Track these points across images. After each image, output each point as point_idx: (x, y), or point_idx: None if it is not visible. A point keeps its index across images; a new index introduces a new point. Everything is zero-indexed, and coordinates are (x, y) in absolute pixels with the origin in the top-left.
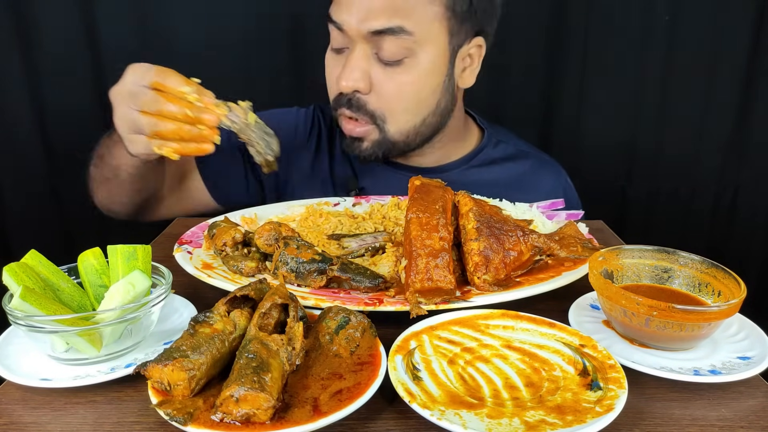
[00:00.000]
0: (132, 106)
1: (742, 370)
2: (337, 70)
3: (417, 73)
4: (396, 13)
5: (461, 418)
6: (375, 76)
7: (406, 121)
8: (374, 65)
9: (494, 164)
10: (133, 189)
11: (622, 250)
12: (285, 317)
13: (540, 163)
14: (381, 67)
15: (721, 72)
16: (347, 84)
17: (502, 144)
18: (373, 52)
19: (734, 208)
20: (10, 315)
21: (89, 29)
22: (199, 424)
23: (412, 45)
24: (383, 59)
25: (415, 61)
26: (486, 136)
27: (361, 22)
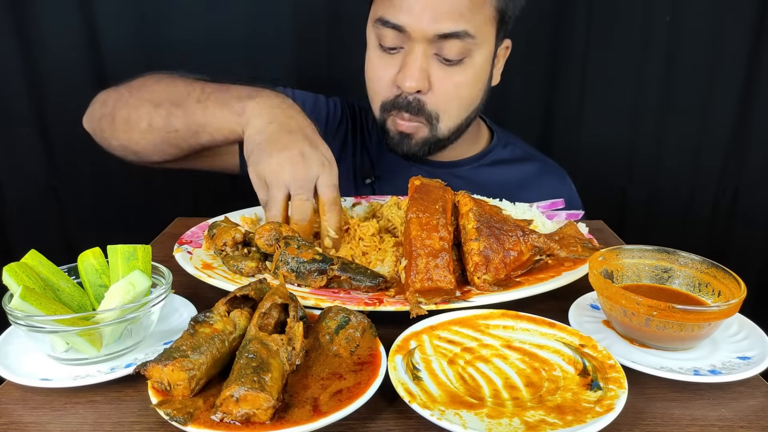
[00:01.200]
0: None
1: (742, 370)
2: (389, 70)
3: (473, 73)
4: (462, 17)
5: (461, 418)
6: (434, 75)
7: (456, 118)
8: (433, 65)
9: (503, 164)
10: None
11: (622, 250)
12: (285, 317)
13: (545, 167)
14: (440, 67)
15: (721, 72)
16: (411, 84)
17: (510, 146)
18: (432, 52)
19: (734, 209)
20: (10, 315)
21: (89, 29)
22: (199, 424)
23: (472, 47)
24: (444, 59)
25: (471, 60)
26: (496, 137)
27: (429, 25)
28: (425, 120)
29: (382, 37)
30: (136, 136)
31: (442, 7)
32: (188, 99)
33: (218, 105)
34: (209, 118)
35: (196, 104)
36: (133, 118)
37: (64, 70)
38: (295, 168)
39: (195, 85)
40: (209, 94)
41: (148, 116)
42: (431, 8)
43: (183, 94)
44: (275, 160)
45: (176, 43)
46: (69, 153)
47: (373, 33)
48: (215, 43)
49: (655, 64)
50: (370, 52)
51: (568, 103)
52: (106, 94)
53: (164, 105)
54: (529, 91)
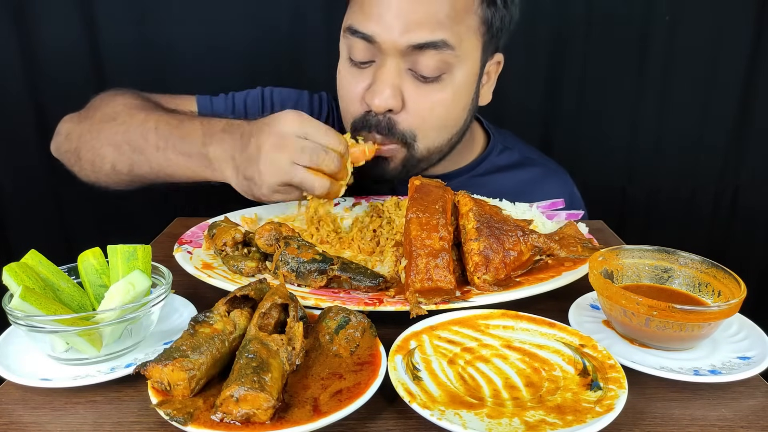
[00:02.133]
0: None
1: (742, 370)
2: (359, 85)
3: (452, 90)
4: (439, 26)
5: (461, 418)
6: (408, 92)
7: (434, 138)
8: (407, 81)
9: (499, 172)
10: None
11: (622, 250)
12: (285, 317)
13: (546, 171)
14: (414, 84)
15: (721, 72)
16: (380, 103)
17: (507, 151)
18: (406, 66)
19: (734, 208)
20: (10, 315)
21: (90, 30)
22: (199, 424)
23: (452, 60)
24: (420, 75)
25: (451, 77)
26: (491, 142)
27: (401, 35)
28: (399, 141)
29: (352, 48)
30: (102, 177)
31: (415, 15)
32: (146, 145)
33: (180, 155)
34: (174, 169)
35: (156, 152)
36: (97, 161)
37: (64, 70)
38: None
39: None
40: (166, 140)
41: (111, 160)
42: (403, 16)
43: (140, 138)
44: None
45: (175, 44)
46: None
47: (344, 44)
48: (214, 46)
49: (655, 64)
50: (340, 65)
51: (568, 103)
52: (69, 124)
53: (124, 150)
54: (529, 92)
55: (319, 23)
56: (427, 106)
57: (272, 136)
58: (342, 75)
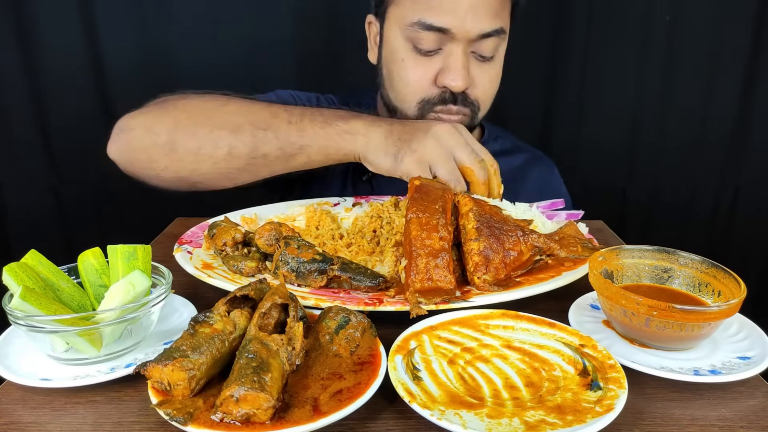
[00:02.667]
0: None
1: (742, 370)
2: (427, 71)
3: (499, 65)
4: (497, 15)
5: (461, 418)
6: (473, 71)
7: (488, 106)
8: (472, 62)
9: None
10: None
11: (622, 250)
12: (285, 317)
13: (533, 158)
14: (476, 63)
15: (721, 72)
16: (459, 84)
17: (500, 138)
18: (470, 50)
19: (734, 209)
20: (10, 315)
21: (89, 30)
22: (199, 424)
23: (502, 42)
24: (480, 56)
25: (498, 54)
26: (486, 131)
27: (473, 25)
28: (470, 110)
29: (419, 40)
30: (207, 166)
31: (481, 7)
32: (276, 121)
33: (318, 124)
34: (309, 139)
35: (288, 126)
36: (207, 148)
37: (64, 70)
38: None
39: (274, 107)
40: (301, 115)
41: (228, 144)
42: (472, 9)
43: (268, 116)
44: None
45: (177, 47)
46: (69, 153)
47: (402, 36)
48: (217, 48)
49: (655, 64)
50: (402, 55)
51: (568, 102)
52: (148, 118)
53: (247, 130)
54: (529, 91)
55: (321, 23)
56: (487, 81)
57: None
58: (407, 64)
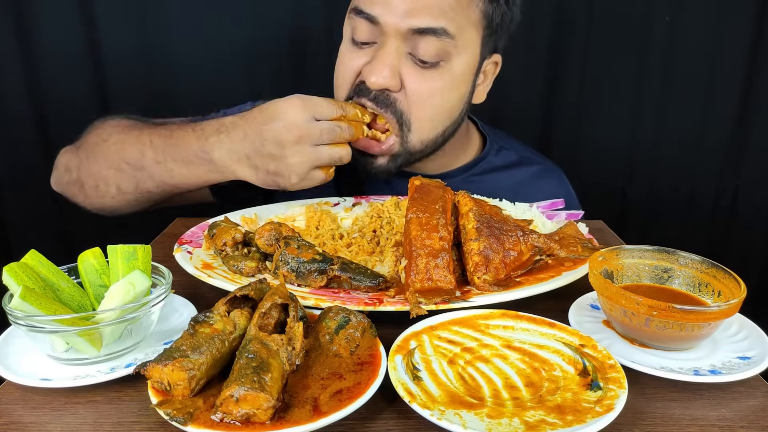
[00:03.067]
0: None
1: (742, 370)
2: (357, 62)
3: (450, 79)
4: (442, 14)
5: (461, 418)
6: (406, 75)
7: (429, 129)
8: (406, 64)
9: (496, 172)
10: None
11: (622, 250)
12: (285, 317)
13: (542, 170)
14: (413, 68)
15: (721, 72)
16: (377, 80)
17: (504, 151)
18: (406, 50)
19: (734, 208)
20: (10, 315)
21: (89, 29)
22: (199, 424)
23: (450, 49)
24: (418, 59)
25: (449, 66)
26: (488, 143)
27: (403, 18)
28: (395, 121)
29: (355, 29)
30: (109, 200)
31: (419, 2)
32: (145, 160)
33: (181, 164)
34: (178, 179)
35: (156, 165)
36: (101, 186)
37: (64, 70)
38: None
39: (142, 139)
40: (164, 152)
41: (115, 182)
42: (408, 1)
43: (138, 155)
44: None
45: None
46: None
47: (348, 26)
48: (214, 51)
49: (655, 64)
50: (342, 46)
51: (568, 103)
52: (67, 156)
53: (125, 169)
54: (529, 92)
55: (320, 24)
56: (424, 91)
57: (287, 131)
58: (342, 53)
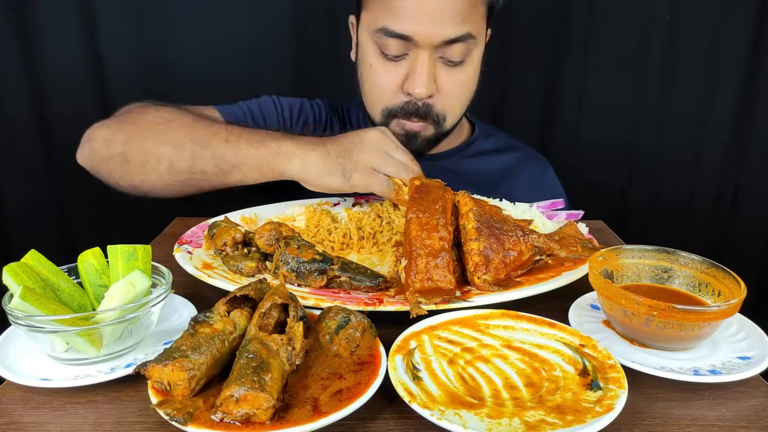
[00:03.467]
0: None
1: (742, 370)
2: (394, 77)
3: (472, 70)
4: (464, 20)
5: (461, 418)
6: (440, 77)
7: (458, 115)
8: (439, 67)
9: (485, 155)
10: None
11: (622, 250)
12: (285, 317)
13: (527, 156)
14: (445, 69)
15: (721, 72)
16: (422, 91)
17: (492, 137)
18: (437, 56)
19: (734, 209)
20: (10, 315)
21: (89, 30)
22: (199, 424)
23: (472, 47)
24: (449, 61)
25: (470, 58)
26: (477, 129)
27: (436, 32)
28: (432, 121)
29: (385, 46)
30: (153, 178)
31: (445, 13)
32: (215, 139)
33: (252, 144)
34: (243, 158)
35: (225, 144)
36: (151, 162)
37: (64, 70)
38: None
39: (217, 125)
40: (239, 135)
41: (169, 159)
42: (436, 15)
43: (207, 134)
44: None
45: (175, 48)
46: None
47: (371, 41)
48: (215, 50)
49: (655, 63)
50: (371, 60)
51: (568, 103)
52: (108, 131)
53: (187, 147)
54: (529, 91)
55: (320, 24)
56: (456, 87)
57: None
58: (375, 69)
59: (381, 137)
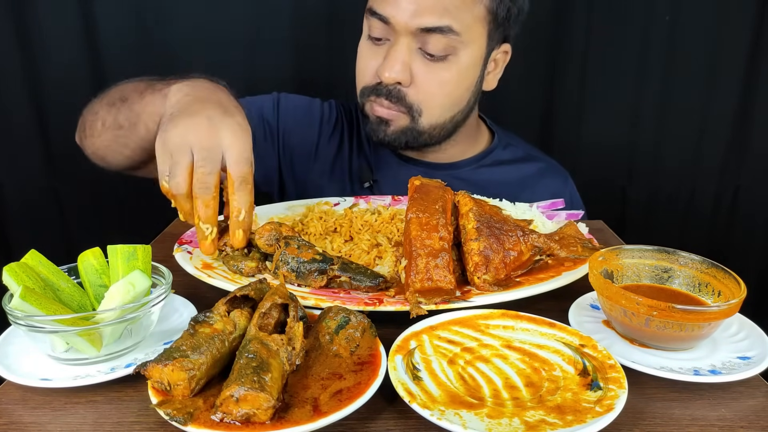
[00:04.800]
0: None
1: (742, 370)
2: (374, 60)
3: (457, 71)
4: (446, 13)
5: (461, 418)
6: (416, 69)
7: (439, 115)
8: (416, 59)
9: (503, 165)
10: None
11: (622, 250)
12: (285, 317)
13: (547, 167)
14: (423, 61)
15: (721, 72)
16: (390, 75)
17: (511, 147)
18: (416, 46)
19: (734, 209)
20: (10, 315)
21: (89, 29)
22: (199, 424)
23: (456, 44)
24: (428, 54)
25: (456, 58)
26: (496, 138)
27: (411, 18)
28: (405, 110)
29: (371, 27)
30: (97, 140)
31: (426, 2)
32: (133, 93)
33: (151, 92)
34: (143, 106)
35: (137, 96)
36: (95, 122)
37: (63, 70)
38: (200, 133)
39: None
40: (153, 86)
41: (102, 117)
42: (415, 2)
43: (131, 89)
44: (181, 126)
45: (175, 44)
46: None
47: (366, 23)
48: (214, 44)
49: (655, 63)
50: (361, 41)
51: (568, 103)
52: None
53: (116, 104)
54: (529, 91)
55: (321, 18)
56: (434, 82)
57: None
58: (361, 49)
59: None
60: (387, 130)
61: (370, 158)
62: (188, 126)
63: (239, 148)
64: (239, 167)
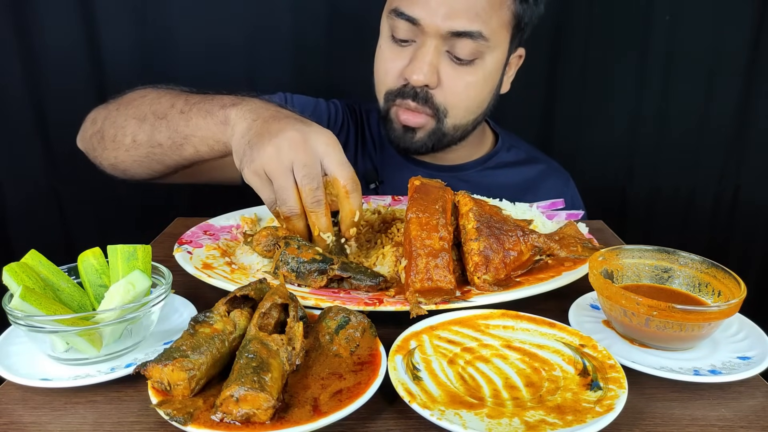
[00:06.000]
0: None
1: (742, 370)
2: (399, 61)
3: (483, 75)
4: (477, 17)
5: (461, 418)
6: (444, 72)
7: (463, 117)
8: (444, 61)
9: (507, 167)
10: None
11: (622, 250)
12: (285, 317)
13: (549, 170)
14: (450, 65)
15: (721, 72)
16: (419, 78)
17: (514, 149)
18: (444, 49)
19: (734, 208)
20: (10, 315)
21: (89, 29)
22: (199, 424)
23: (483, 48)
24: (455, 57)
25: (482, 63)
26: (500, 140)
27: (443, 20)
28: (432, 112)
29: (395, 28)
30: (122, 153)
31: (457, 5)
32: (171, 110)
33: (201, 114)
34: (192, 129)
35: (179, 115)
36: (119, 135)
37: (64, 70)
38: (292, 150)
39: (180, 97)
40: (193, 105)
41: (132, 132)
42: (447, 5)
43: (167, 106)
44: (270, 148)
45: (176, 46)
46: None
47: (386, 23)
48: (215, 47)
49: (655, 64)
50: (382, 42)
51: (568, 103)
52: (96, 111)
53: (148, 119)
54: (529, 92)
55: (321, 21)
56: (460, 85)
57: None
58: (383, 51)
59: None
60: (413, 137)
61: (376, 160)
62: (277, 147)
63: (336, 153)
64: (344, 170)
